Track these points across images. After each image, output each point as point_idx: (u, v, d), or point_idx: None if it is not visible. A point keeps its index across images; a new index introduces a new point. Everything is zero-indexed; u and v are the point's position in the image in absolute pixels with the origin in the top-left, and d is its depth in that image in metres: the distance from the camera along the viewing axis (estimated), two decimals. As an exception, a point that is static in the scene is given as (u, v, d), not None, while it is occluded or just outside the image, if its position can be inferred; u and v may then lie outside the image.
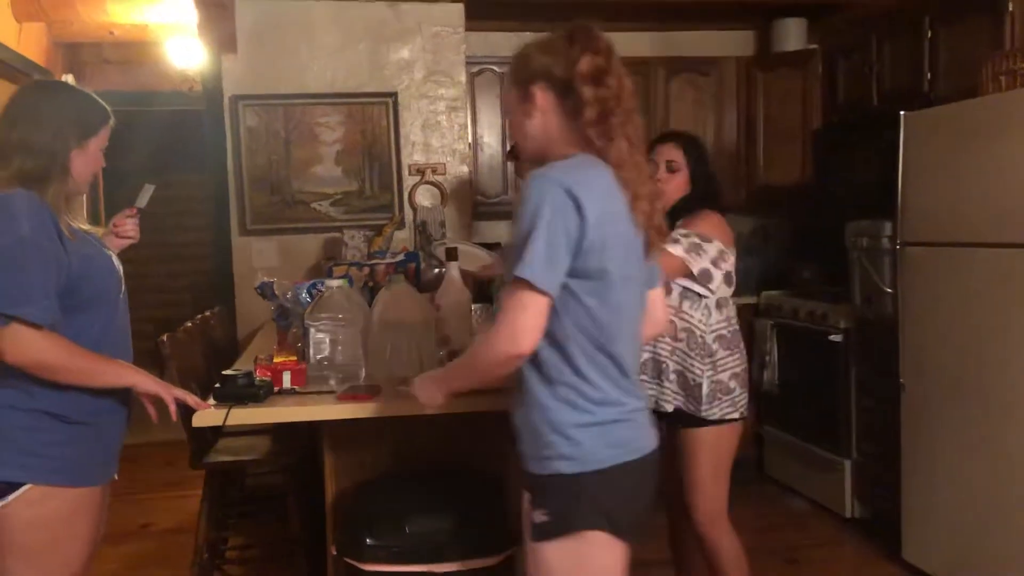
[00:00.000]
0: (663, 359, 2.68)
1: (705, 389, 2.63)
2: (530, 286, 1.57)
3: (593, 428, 1.65)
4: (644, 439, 1.74)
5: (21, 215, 1.82)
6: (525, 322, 1.58)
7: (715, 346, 2.66)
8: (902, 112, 3.47)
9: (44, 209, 1.87)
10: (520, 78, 1.74)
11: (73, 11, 4.63)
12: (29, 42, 4.61)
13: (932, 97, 3.83)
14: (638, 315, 1.77)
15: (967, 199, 3.14)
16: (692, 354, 2.65)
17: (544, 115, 1.72)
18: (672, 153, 2.71)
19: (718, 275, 2.63)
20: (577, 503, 1.65)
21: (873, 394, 3.89)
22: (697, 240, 2.62)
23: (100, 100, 2.06)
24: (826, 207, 4.54)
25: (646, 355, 2.67)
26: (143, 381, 1.97)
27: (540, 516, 1.68)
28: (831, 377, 4.12)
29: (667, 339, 2.66)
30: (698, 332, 2.65)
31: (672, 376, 2.67)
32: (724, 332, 2.69)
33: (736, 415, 2.68)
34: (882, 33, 4.26)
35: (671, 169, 2.70)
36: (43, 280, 1.83)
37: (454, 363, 1.95)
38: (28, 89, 2.05)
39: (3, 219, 1.81)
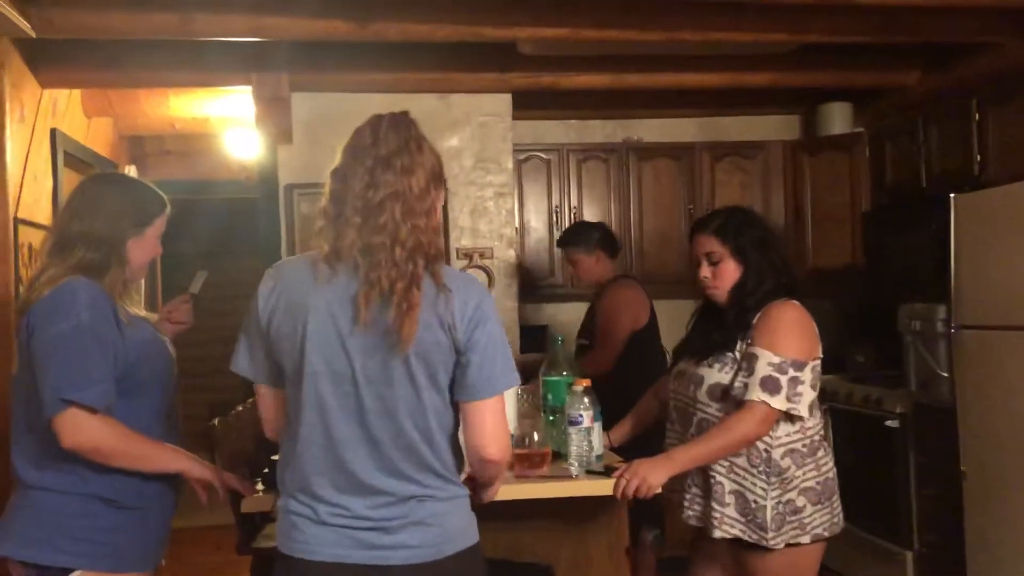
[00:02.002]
0: (716, 478, 2.24)
1: (769, 513, 2.19)
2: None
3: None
4: (304, 544, 1.66)
5: (81, 303, 1.88)
6: (261, 411, 1.82)
7: (784, 462, 2.22)
8: (952, 194, 3.44)
9: (103, 296, 1.93)
10: None
11: (138, 107, 4.85)
12: (97, 136, 4.82)
13: (983, 179, 3.79)
14: (347, 414, 1.64)
15: (1023, 281, 3.08)
16: (754, 471, 2.22)
17: None
18: (707, 244, 2.32)
19: (812, 397, 2.24)
20: None
21: (934, 482, 3.76)
22: (793, 373, 2.17)
23: (157, 190, 2.13)
24: (878, 290, 4.48)
25: (697, 469, 2.28)
26: (193, 467, 2.00)
27: None
28: (889, 464, 4.00)
29: None
30: (761, 446, 2.22)
31: (728, 499, 2.23)
32: (797, 446, 2.24)
33: (806, 539, 2.21)
34: (929, 116, 4.25)
35: (712, 261, 2.32)
36: (100, 365, 1.87)
37: None
38: (88, 182, 2.14)
39: (64, 307, 1.87)
